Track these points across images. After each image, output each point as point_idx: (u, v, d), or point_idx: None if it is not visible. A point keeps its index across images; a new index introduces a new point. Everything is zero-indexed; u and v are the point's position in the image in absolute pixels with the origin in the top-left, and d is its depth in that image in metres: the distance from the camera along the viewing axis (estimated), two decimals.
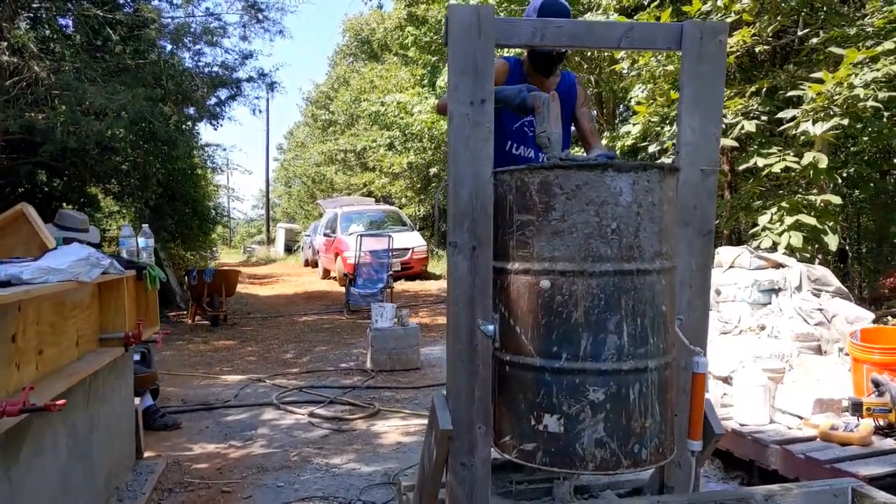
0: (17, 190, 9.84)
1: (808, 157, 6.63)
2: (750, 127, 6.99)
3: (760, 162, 6.98)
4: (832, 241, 6.86)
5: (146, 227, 3.79)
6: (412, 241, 15.54)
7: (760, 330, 5.47)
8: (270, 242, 39.03)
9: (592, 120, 3.23)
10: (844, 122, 6.23)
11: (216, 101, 10.71)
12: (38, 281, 2.32)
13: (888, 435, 3.14)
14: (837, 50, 6.69)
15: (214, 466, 3.81)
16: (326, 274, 17.40)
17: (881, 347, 3.55)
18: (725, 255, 6.06)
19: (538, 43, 2.37)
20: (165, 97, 9.00)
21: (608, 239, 2.10)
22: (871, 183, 8.13)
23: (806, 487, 2.44)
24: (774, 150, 7.13)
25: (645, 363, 2.13)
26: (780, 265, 5.94)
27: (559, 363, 2.12)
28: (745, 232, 11.42)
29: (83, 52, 8.70)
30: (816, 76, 6.62)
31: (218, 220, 14.09)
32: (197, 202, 11.79)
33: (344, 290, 10.90)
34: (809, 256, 7.11)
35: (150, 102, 8.17)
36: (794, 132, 6.71)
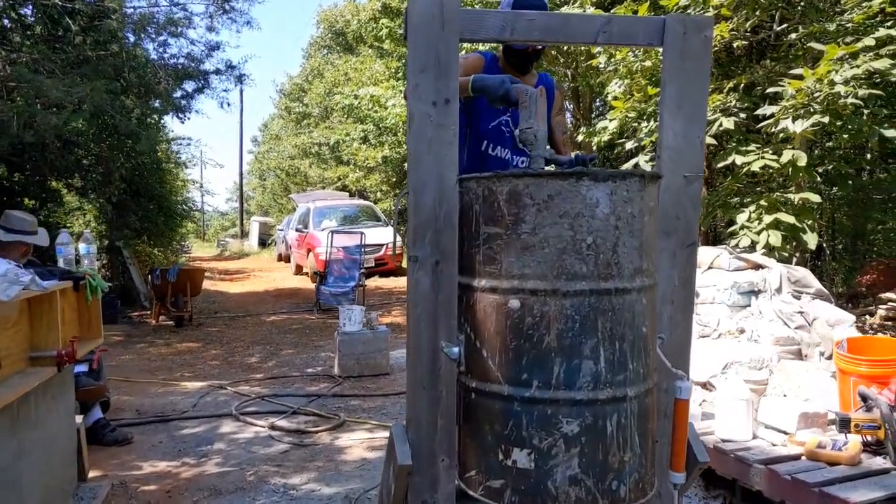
0: None
1: (786, 154, 6.49)
2: (728, 124, 6.84)
3: (739, 160, 6.83)
4: (811, 239, 6.73)
5: (87, 232, 3.55)
6: (386, 236, 15.29)
7: (740, 333, 5.32)
8: (244, 236, 38.54)
9: (566, 131, 3.03)
10: (825, 119, 6.08)
11: (183, 94, 10.40)
12: None
13: (877, 452, 2.98)
14: (818, 45, 6.54)
15: (164, 488, 3.57)
16: (299, 270, 17.11)
17: (868, 360, 3.39)
18: (704, 255, 5.91)
19: (508, 38, 2.16)
20: (127, 90, 8.68)
21: (583, 255, 1.90)
22: (849, 180, 8.01)
23: None
24: (753, 147, 6.98)
25: (624, 391, 1.94)
26: (759, 266, 5.80)
27: (529, 392, 1.92)
28: (722, 230, 11.31)
29: (42, 42, 8.36)
30: (796, 72, 6.47)
31: (185, 215, 13.75)
32: (163, 198, 11.44)
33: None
34: (787, 255, 6.98)
35: (110, 95, 7.86)
36: (773, 129, 6.56)
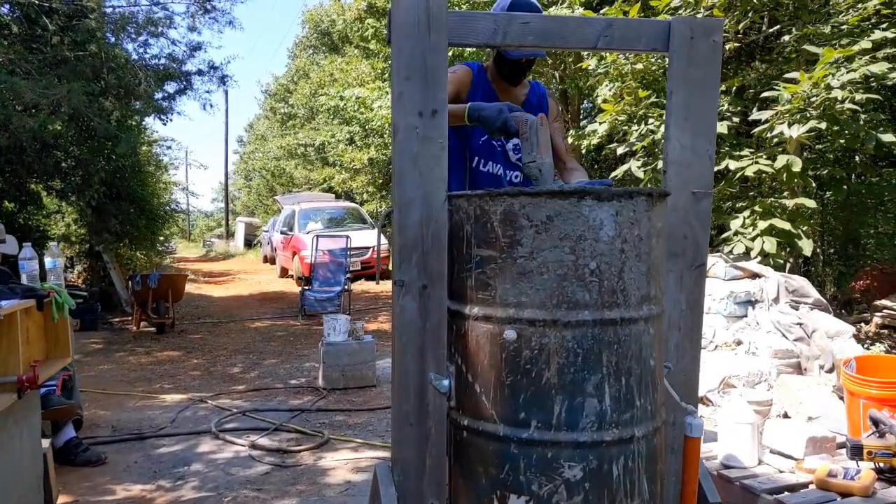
0: None
1: (781, 159, 6.35)
2: (721, 128, 6.68)
3: (732, 164, 6.68)
4: (806, 245, 6.60)
5: (54, 245, 3.35)
6: (373, 238, 15.08)
7: (737, 345, 5.17)
8: (230, 236, 38.22)
9: (566, 137, 2.85)
10: (822, 125, 5.94)
11: (164, 95, 10.19)
12: None
13: (892, 481, 2.83)
14: (813, 48, 6.41)
15: None
16: (284, 273, 16.89)
17: (879, 381, 3.23)
18: None
19: (500, 42, 1.98)
20: (106, 91, 8.45)
21: (586, 282, 1.73)
22: (843, 185, 7.90)
23: None
24: (746, 152, 6.85)
25: (631, 432, 1.76)
26: (756, 275, 5.66)
27: (528, 433, 1.75)
28: (714, 235, 11.19)
29: (19, 43, 8.13)
30: (790, 76, 6.34)
31: (168, 219, 13.50)
32: (144, 200, 11.20)
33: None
34: (782, 262, 6.85)
35: (88, 97, 7.64)
36: (768, 134, 6.42)
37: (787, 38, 7.38)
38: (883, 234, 9.46)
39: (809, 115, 6.15)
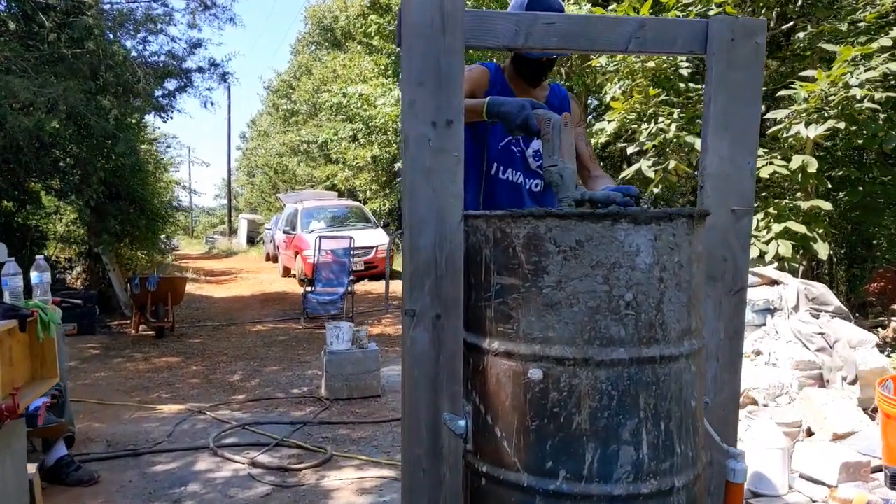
0: None
1: (796, 160, 6.15)
2: None
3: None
4: (822, 249, 6.40)
5: (41, 258, 3.16)
6: (376, 238, 14.91)
7: (756, 356, 4.98)
8: (233, 233, 38.06)
9: (589, 142, 2.65)
10: (841, 125, 5.74)
11: (164, 92, 10.00)
12: None
13: None
14: (830, 46, 6.21)
15: None
16: (287, 272, 16.71)
17: None
18: None
19: (522, 45, 1.79)
20: (104, 89, 8.26)
21: (621, 315, 1.54)
22: (859, 186, 7.68)
23: None
24: (761, 152, 6.65)
25: (670, 482, 1.58)
26: (774, 282, 5.46)
27: (555, 484, 1.56)
28: None
29: (15, 40, 7.94)
30: (806, 74, 6.14)
31: (169, 218, 13.30)
32: (145, 200, 11.01)
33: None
34: (796, 265, 6.66)
35: (85, 95, 7.45)
36: (784, 134, 6.22)
37: (801, 34, 7.19)
38: None
39: (827, 114, 5.95)
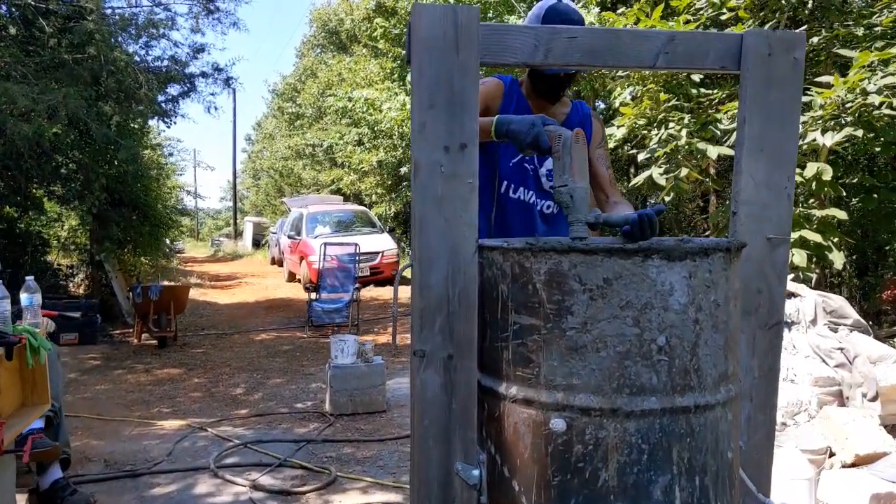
0: None
1: (811, 167, 6.00)
2: None
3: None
4: (837, 258, 6.25)
5: (30, 280, 3.03)
6: (382, 243, 14.78)
7: None
8: (238, 236, 38.01)
9: (609, 165, 2.50)
10: (858, 132, 5.59)
11: (167, 98, 9.90)
12: None
13: None
14: (847, 52, 6.06)
15: None
16: (292, 277, 16.60)
17: None
18: None
19: (541, 62, 1.64)
20: (105, 95, 8.15)
21: (653, 360, 1.40)
22: (874, 194, 7.53)
23: None
24: None
25: None
26: (791, 294, 5.30)
27: None
28: None
29: (15, 45, 7.83)
30: (822, 79, 5.99)
31: (171, 225, 13.20)
32: (148, 206, 10.91)
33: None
34: (810, 275, 6.50)
35: (85, 101, 7.34)
36: (800, 141, 6.06)
37: (815, 39, 7.03)
38: None
39: (844, 121, 5.81)
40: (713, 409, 1.45)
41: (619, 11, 8.85)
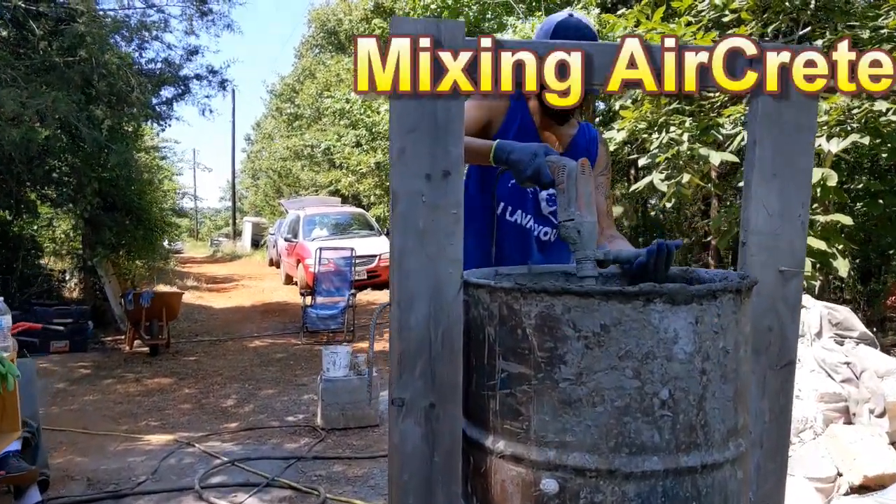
0: None
1: (815, 173, 5.85)
2: None
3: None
4: (842, 266, 6.12)
5: (0, 301, 2.90)
6: (379, 246, 14.61)
7: None
8: (237, 236, 37.91)
9: (609, 194, 2.34)
10: (865, 139, 5.45)
11: (161, 100, 9.75)
12: None
13: None
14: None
15: None
16: (289, 279, 16.45)
17: None
18: None
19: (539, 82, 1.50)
20: (97, 98, 8.00)
21: (655, 416, 1.26)
22: (879, 199, 7.39)
23: None
24: None
25: None
26: None
27: None
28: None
29: (5, 48, 7.69)
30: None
31: (167, 228, 13.07)
32: (142, 210, 10.77)
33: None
34: (815, 282, 6.37)
35: (76, 105, 7.20)
36: None
37: (819, 42, 6.90)
38: None
39: (850, 127, 5.67)
40: (721, 467, 1.31)
41: (618, 13, 8.72)
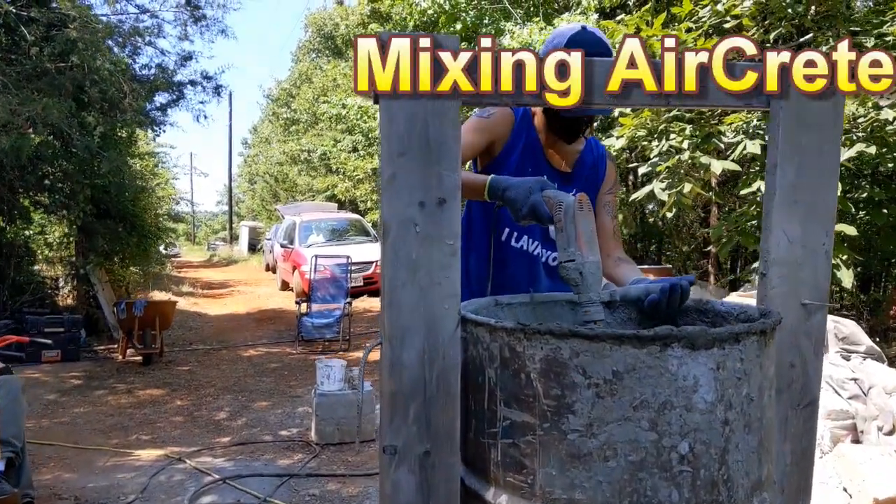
0: None
1: None
2: (753, 148, 6.08)
3: (765, 187, 6.07)
4: (846, 276, 6.02)
5: None
6: (376, 253, 14.48)
7: None
8: (234, 240, 37.78)
9: (615, 214, 2.22)
10: (871, 149, 5.35)
11: (155, 106, 9.65)
12: None
13: None
14: None
15: None
16: (285, 286, 16.31)
17: None
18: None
19: (542, 102, 1.38)
20: (88, 105, 7.88)
21: (674, 472, 1.14)
22: (883, 209, 7.29)
23: None
24: None
25: None
26: None
27: None
28: (749, 257, 10.64)
29: None
30: None
31: (161, 234, 12.94)
32: (136, 217, 10.63)
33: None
34: None
35: (66, 112, 7.08)
36: None
37: (823, 49, 6.80)
38: None
39: (856, 137, 5.57)
40: None
41: (617, 19, 8.61)
